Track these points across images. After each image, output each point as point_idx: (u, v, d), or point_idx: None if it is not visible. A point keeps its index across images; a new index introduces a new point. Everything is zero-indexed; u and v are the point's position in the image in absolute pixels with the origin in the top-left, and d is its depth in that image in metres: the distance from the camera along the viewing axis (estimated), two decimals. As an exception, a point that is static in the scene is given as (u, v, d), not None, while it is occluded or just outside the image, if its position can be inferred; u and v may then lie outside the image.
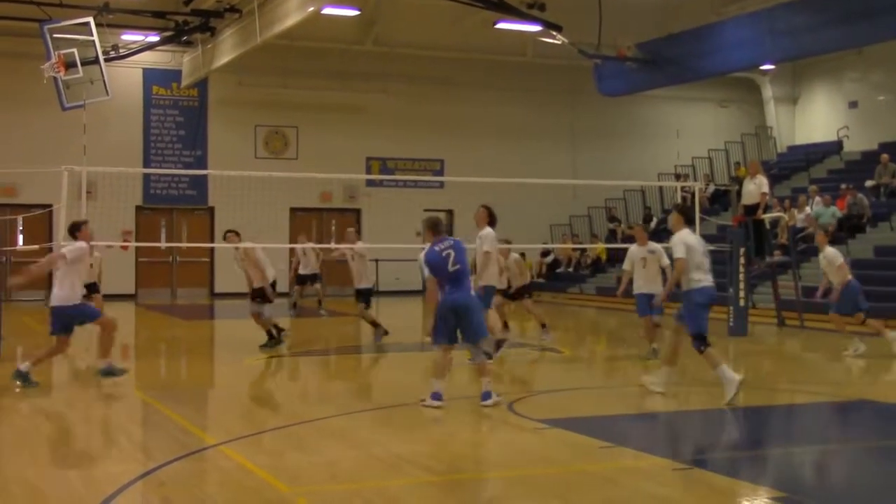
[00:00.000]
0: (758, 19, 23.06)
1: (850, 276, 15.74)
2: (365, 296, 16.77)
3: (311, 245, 23.08)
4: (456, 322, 10.38)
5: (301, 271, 22.83)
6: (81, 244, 11.88)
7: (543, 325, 16.40)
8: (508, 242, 15.92)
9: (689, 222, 11.43)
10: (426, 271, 10.63)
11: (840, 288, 15.58)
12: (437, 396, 10.30)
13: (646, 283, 14.44)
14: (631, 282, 14.80)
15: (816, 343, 18.04)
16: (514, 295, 16.06)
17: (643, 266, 14.51)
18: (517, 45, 29.91)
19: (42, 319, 22.84)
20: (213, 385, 13.02)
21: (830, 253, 15.88)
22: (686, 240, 10.81)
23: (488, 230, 13.72)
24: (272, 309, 15.79)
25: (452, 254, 10.36)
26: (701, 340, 10.60)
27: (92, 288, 17.38)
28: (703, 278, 10.73)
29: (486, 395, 10.34)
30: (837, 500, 7.08)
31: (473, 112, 31.37)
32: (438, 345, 10.49)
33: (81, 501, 6.95)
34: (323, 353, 15.20)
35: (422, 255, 10.91)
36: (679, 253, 10.70)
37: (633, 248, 14.80)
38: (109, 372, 12.05)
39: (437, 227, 10.64)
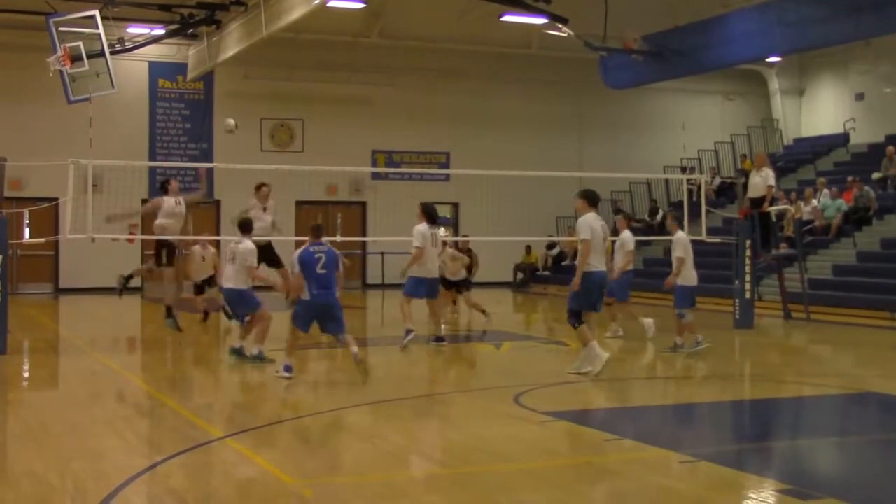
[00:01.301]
0: (765, 11, 22.98)
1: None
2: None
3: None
4: (318, 318, 11.67)
5: None
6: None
7: (484, 312, 17.17)
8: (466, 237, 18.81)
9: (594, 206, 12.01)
10: (296, 268, 11.58)
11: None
12: (288, 369, 11.54)
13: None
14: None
15: (823, 336, 18.02)
16: (457, 286, 17.16)
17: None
18: (523, 38, 29.86)
19: (48, 312, 22.93)
20: (220, 378, 13.03)
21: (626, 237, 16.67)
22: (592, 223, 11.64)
23: (417, 227, 15.21)
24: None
25: (323, 258, 11.46)
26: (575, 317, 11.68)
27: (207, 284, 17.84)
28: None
29: (287, 368, 11.59)
30: (844, 493, 7.06)
31: (479, 105, 31.33)
32: (295, 328, 11.67)
33: (89, 494, 6.97)
34: (328, 346, 15.20)
35: (296, 253, 11.79)
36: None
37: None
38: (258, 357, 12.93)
39: (316, 233, 11.72)
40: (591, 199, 12.01)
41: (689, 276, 14.43)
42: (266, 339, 13.14)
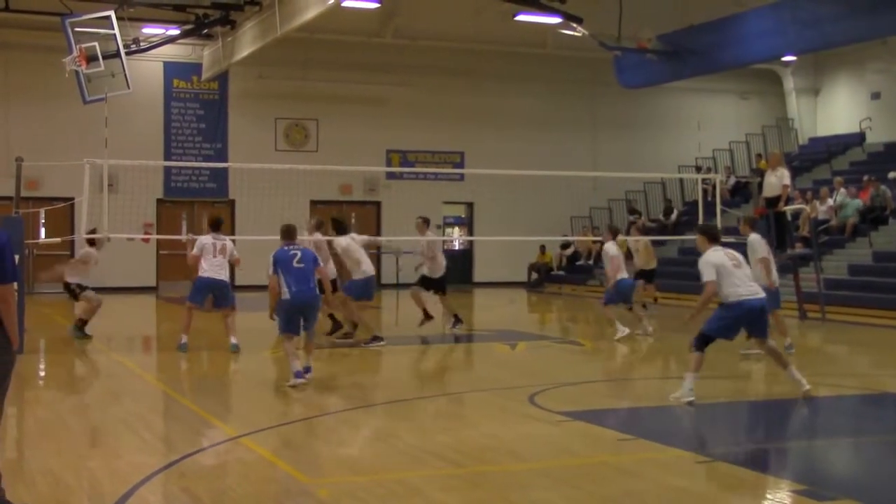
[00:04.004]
0: (780, 10, 22.89)
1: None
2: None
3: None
4: (300, 316, 11.38)
5: None
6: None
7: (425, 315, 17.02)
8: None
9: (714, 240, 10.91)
10: (270, 269, 11.40)
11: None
12: (299, 374, 11.17)
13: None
14: None
15: (839, 336, 17.95)
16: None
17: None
18: (537, 37, 29.82)
19: (63, 311, 22.98)
20: (234, 377, 13.06)
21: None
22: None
23: (336, 239, 15.49)
24: None
25: (298, 254, 11.38)
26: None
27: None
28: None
29: (305, 371, 11.34)
30: (860, 493, 7.04)
31: (493, 104, 31.30)
32: (285, 334, 11.39)
33: (104, 492, 6.99)
34: (344, 345, 15.22)
35: (272, 255, 11.63)
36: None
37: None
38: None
39: (287, 234, 11.71)
40: (709, 234, 10.97)
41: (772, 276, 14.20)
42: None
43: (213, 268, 14.41)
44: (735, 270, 10.44)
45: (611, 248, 16.68)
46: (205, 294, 14.63)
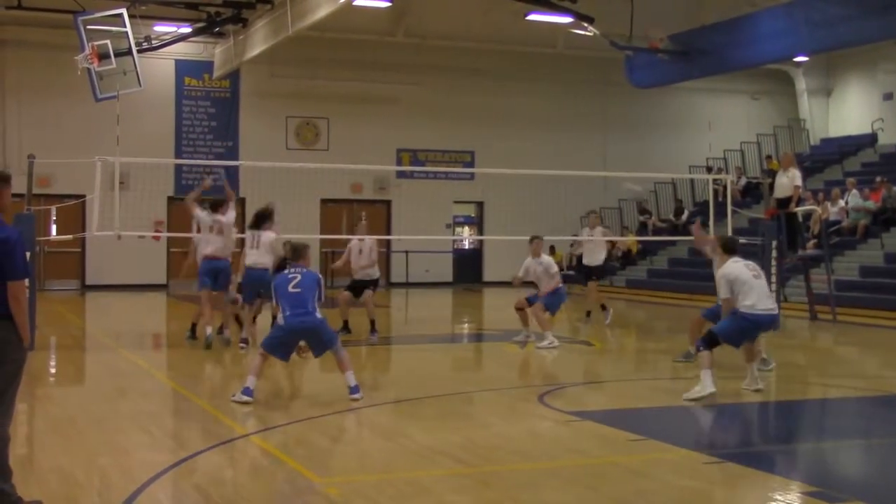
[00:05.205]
0: (792, 10, 22.83)
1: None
2: None
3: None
4: (295, 341, 10.45)
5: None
6: None
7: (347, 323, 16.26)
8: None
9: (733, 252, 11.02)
10: (273, 300, 10.65)
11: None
12: (248, 392, 10.14)
13: None
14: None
15: (849, 337, 17.90)
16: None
17: None
18: (548, 37, 29.79)
19: (74, 308, 23.07)
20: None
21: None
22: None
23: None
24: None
25: (298, 278, 10.37)
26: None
27: None
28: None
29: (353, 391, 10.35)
30: (870, 495, 7.02)
31: (504, 103, 31.29)
32: (265, 351, 10.41)
33: (114, 489, 7.00)
34: (354, 343, 15.23)
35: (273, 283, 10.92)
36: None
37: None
38: None
39: (294, 254, 10.82)
40: (726, 246, 11.07)
41: None
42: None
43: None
44: (755, 282, 10.60)
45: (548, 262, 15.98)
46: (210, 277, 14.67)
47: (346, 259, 16.19)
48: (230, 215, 14.94)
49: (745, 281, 10.53)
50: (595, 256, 19.34)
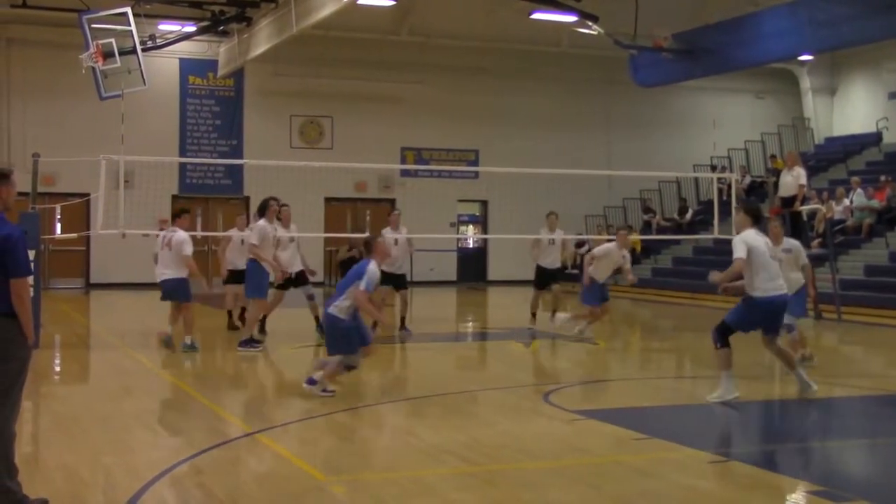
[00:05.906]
0: (796, 9, 22.78)
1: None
2: None
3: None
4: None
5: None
6: None
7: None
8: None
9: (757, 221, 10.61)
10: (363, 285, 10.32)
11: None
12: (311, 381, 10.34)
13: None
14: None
15: (854, 336, 17.88)
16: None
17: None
18: (552, 35, 29.78)
19: (79, 307, 23.10)
20: (250, 374, 13.08)
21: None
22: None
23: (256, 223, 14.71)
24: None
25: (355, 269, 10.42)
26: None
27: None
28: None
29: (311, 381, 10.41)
30: (876, 495, 7.01)
31: (508, 102, 31.27)
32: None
33: (120, 488, 7.00)
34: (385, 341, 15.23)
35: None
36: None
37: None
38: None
39: (367, 249, 10.73)
40: (752, 213, 10.60)
41: None
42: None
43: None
44: (769, 260, 10.25)
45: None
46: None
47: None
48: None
49: (762, 253, 10.18)
50: (555, 259, 18.73)
